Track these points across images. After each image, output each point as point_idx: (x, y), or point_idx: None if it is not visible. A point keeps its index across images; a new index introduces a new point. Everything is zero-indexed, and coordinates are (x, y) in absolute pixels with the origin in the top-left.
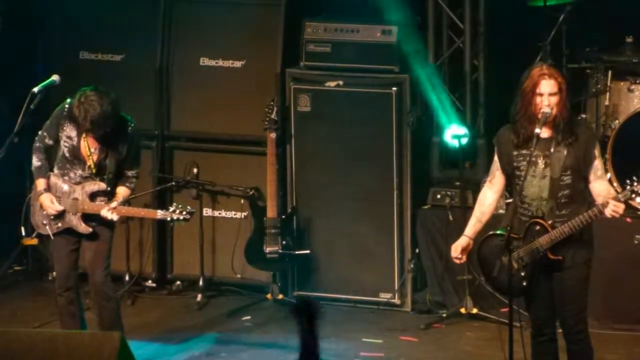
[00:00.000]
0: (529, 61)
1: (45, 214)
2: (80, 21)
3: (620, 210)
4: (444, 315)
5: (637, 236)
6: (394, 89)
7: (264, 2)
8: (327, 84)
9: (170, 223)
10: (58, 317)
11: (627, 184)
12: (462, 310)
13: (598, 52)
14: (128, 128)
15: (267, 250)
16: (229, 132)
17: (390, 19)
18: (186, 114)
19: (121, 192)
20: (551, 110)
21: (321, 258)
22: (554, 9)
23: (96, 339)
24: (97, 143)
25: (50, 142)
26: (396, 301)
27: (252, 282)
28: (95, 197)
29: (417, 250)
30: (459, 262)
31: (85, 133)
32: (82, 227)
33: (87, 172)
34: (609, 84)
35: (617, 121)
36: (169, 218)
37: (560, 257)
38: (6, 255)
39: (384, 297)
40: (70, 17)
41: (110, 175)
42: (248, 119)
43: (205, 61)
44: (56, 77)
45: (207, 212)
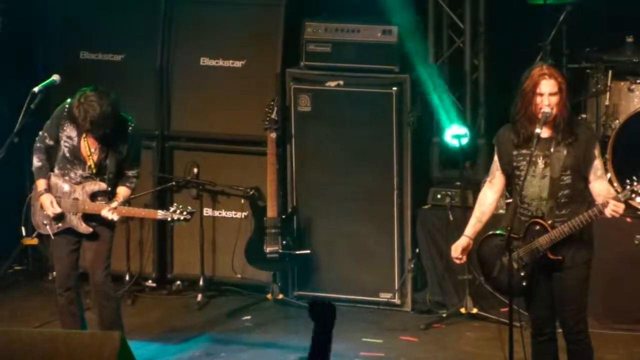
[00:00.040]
0: (529, 61)
1: (45, 214)
2: (80, 21)
3: (620, 210)
4: (444, 315)
5: (638, 236)
6: (394, 88)
7: (264, 2)
8: (327, 84)
9: (171, 223)
10: (58, 317)
11: (627, 184)
12: (462, 310)
13: (598, 52)
14: (128, 128)
15: (268, 250)
16: (229, 132)
17: (390, 18)
18: (186, 114)
19: (121, 192)
20: (551, 110)
21: (321, 258)
22: (554, 8)
23: (96, 339)
24: (97, 143)
25: (50, 142)
26: (396, 301)
27: (252, 282)
28: (95, 197)
29: (417, 250)
30: (459, 262)
31: (86, 133)
32: (82, 227)
33: (87, 172)
34: (609, 83)
35: (617, 121)
36: (169, 218)
37: (560, 257)
38: (6, 255)
39: (384, 297)
40: (70, 17)
41: (110, 175)
42: (248, 118)
43: (205, 61)
44: (56, 77)
45: (207, 212)
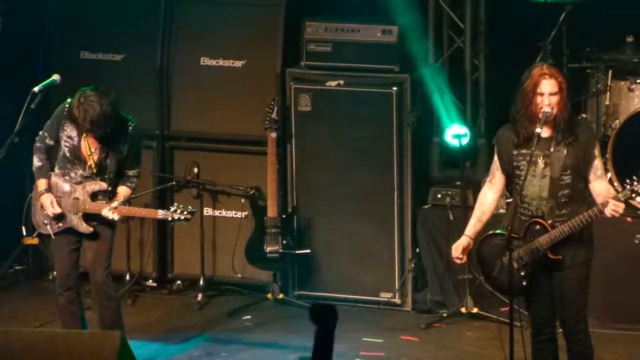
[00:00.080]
0: (530, 61)
1: (46, 213)
2: (80, 21)
3: (620, 210)
4: (444, 315)
5: (638, 236)
6: (394, 88)
7: (264, 2)
8: (327, 84)
9: (171, 223)
10: (59, 317)
11: (627, 184)
12: (463, 310)
13: (598, 52)
14: (128, 128)
15: (268, 249)
16: (229, 132)
17: (393, 18)
18: (187, 114)
19: (122, 191)
20: (552, 109)
21: (321, 257)
22: (554, 5)
23: (97, 339)
24: (97, 143)
25: (51, 142)
26: (397, 301)
27: (252, 281)
28: (96, 196)
29: (417, 250)
30: (460, 262)
31: (86, 133)
32: (83, 226)
33: (87, 171)
34: (609, 83)
35: (617, 121)
36: (169, 218)
37: (560, 257)
38: (7, 254)
39: (385, 296)
40: (70, 17)
41: (111, 175)
42: (248, 118)
43: (205, 61)
44: (57, 77)
45: (207, 211)
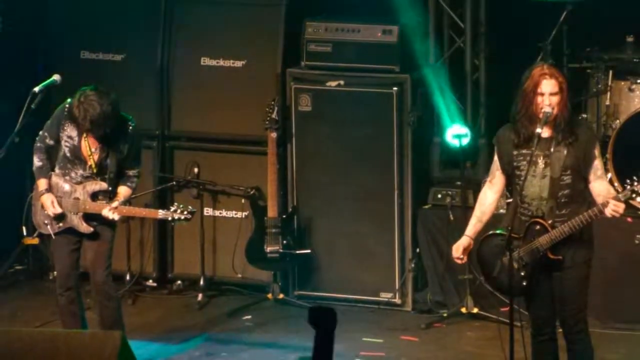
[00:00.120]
0: (530, 61)
1: (46, 213)
2: (80, 21)
3: (620, 210)
4: (444, 315)
5: (638, 236)
6: (394, 88)
7: (265, 2)
8: (327, 84)
9: (171, 223)
10: (59, 317)
11: (628, 184)
12: (463, 310)
13: (599, 52)
14: (129, 128)
15: (268, 249)
16: (229, 132)
17: (396, 18)
18: (187, 114)
19: (122, 191)
20: (552, 110)
21: (322, 258)
22: (554, 5)
23: (97, 339)
24: (97, 143)
25: (51, 142)
26: (397, 301)
27: (252, 281)
28: (96, 196)
29: (417, 250)
30: (460, 262)
31: (86, 133)
32: (83, 226)
33: (88, 171)
34: (609, 83)
35: (617, 121)
36: (170, 218)
37: (560, 257)
38: (7, 254)
39: (385, 296)
40: (70, 17)
41: (111, 175)
42: (249, 118)
43: (206, 61)
44: (57, 77)
45: (207, 211)
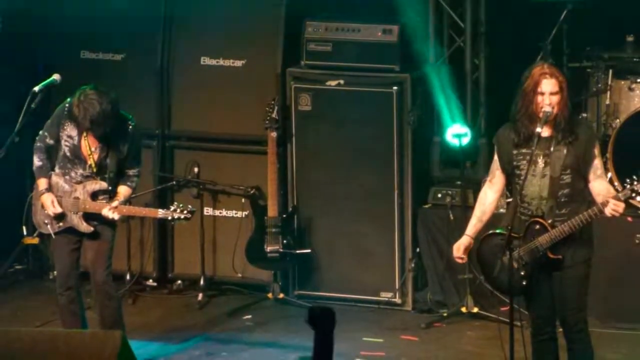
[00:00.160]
0: (530, 60)
1: (46, 213)
2: (80, 21)
3: (620, 209)
4: (444, 315)
5: (638, 235)
6: (394, 88)
7: (265, 1)
8: (327, 83)
9: (171, 222)
10: (59, 316)
11: (627, 183)
12: (463, 310)
13: (599, 51)
14: (129, 127)
15: (268, 249)
16: (229, 131)
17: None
18: (187, 113)
19: (122, 191)
20: (552, 109)
21: (322, 257)
22: (554, 5)
23: (97, 338)
24: (97, 142)
25: (51, 141)
26: (397, 300)
27: (253, 281)
28: (96, 196)
29: (417, 250)
30: (461, 262)
31: (86, 132)
32: (83, 226)
33: (88, 171)
34: (609, 83)
35: (617, 120)
36: (170, 217)
37: (560, 256)
38: (7, 254)
39: (385, 296)
40: (70, 17)
41: (111, 174)
42: (249, 118)
43: (205, 60)
44: (57, 77)
45: (208, 211)
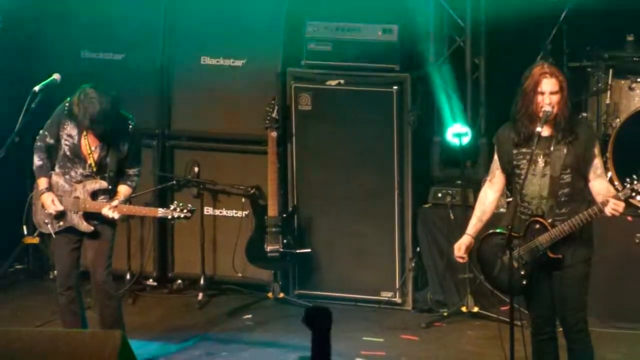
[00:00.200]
0: (530, 60)
1: (46, 212)
2: (80, 20)
3: (620, 209)
4: (445, 314)
5: (638, 235)
6: (395, 87)
7: (265, 0)
8: (328, 83)
9: (171, 221)
10: (59, 316)
11: (628, 182)
12: (463, 309)
13: (599, 51)
14: (129, 126)
15: (268, 249)
16: (229, 131)
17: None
18: (187, 113)
19: (122, 190)
20: (552, 108)
21: (322, 257)
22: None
23: (97, 338)
24: (97, 141)
25: (51, 141)
26: (397, 300)
27: (253, 281)
28: (96, 195)
29: (418, 249)
30: (462, 261)
31: (86, 131)
32: (83, 225)
33: (88, 170)
34: (609, 82)
35: (618, 120)
36: (169, 216)
37: (560, 256)
38: (7, 254)
39: (385, 295)
40: (70, 16)
41: (111, 174)
42: (249, 117)
43: (206, 60)
44: (57, 76)
45: (208, 210)
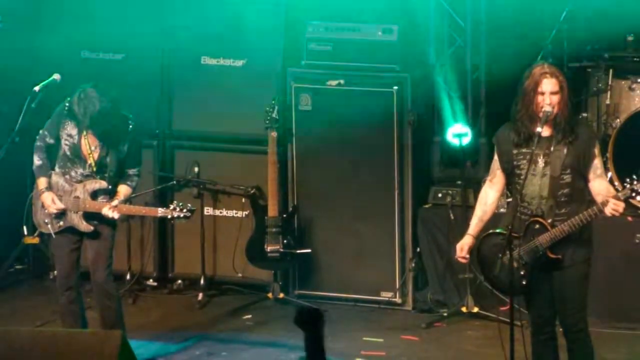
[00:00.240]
0: (530, 60)
1: (46, 212)
2: (80, 20)
3: (620, 209)
4: (445, 314)
5: (638, 235)
6: (395, 87)
7: (266, 0)
8: (328, 83)
9: (171, 220)
10: (59, 316)
11: (627, 183)
12: (463, 309)
13: (599, 51)
14: (129, 126)
15: (268, 249)
16: (230, 131)
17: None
18: (187, 113)
19: (122, 190)
20: (552, 109)
21: (322, 257)
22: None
23: (97, 338)
24: (97, 141)
25: (51, 140)
26: (397, 300)
27: (253, 281)
28: (96, 195)
29: (418, 249)
30: (465, 261)
31: (86, 131)
32: (83, 225)
33: (88, 170)
34: (610, 82)
35: (618, 120)
36: (169, 216)
37: (560, 256)
38: (8, 254)
39: (385, 296)
40: (70, 16)
41: (111, 174)
42: (249, 117)
43: (206, 60)
44: (57, 76)
45: (208, 211)
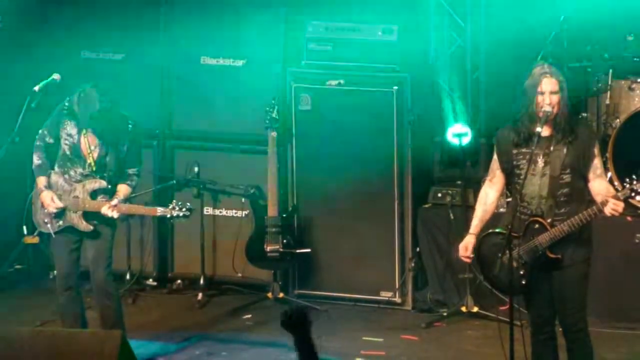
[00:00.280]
0: (530, 60)
1: (46, 212)
2: (81, 20)
3: (619, 209)
4: (444, 314)
5: (638, 235)
6: (395, 87)
7: (265, 1)
8: (328, 83)
9: (171, 220)
10: (59, 316)
11: (627, 183)
12: (463, 309)
13: (599, 51)
14: (129, 126)
15: (268, 248)
16: (230, 131)
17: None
18: (187, 113)
19: (122, 190)
20: (552, 108)
21: (322, 257)
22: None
23: (97, 338)
24: (97, 140)
25: (51, 140)
26: (397, 300)
27: (253, 280)
28: (96, 195)
29: (417, 249)
30: (468, 261)
31: (86, 130)
32: (83, 225)
33: (87, 169)
34: (609, 82)
35: (617, 120)
36: (168, 215)
37: (559, 256)
38: (7, 253)
39: (385, 295)
40: (70, 16)
41: (110, 173)
42: (249, 117)
43: (206, 60)
44: (57, 76)
45: (208, 210)
